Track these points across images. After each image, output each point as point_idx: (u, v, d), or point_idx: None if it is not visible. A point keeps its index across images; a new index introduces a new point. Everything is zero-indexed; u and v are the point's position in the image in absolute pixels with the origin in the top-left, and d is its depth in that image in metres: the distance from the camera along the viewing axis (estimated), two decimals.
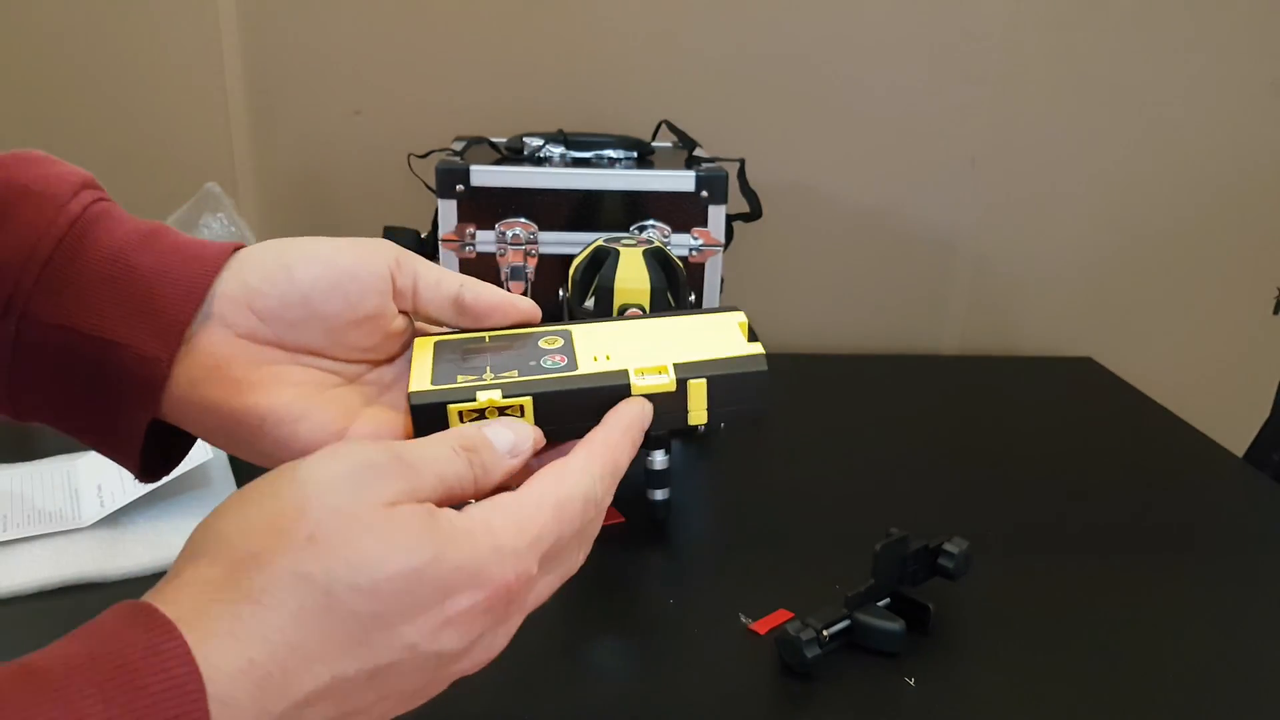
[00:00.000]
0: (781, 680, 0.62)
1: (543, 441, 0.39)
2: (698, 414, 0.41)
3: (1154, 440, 1.02)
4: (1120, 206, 1.31)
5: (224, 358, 0.38)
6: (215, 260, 0.39)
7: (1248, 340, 1.34)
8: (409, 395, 0.39)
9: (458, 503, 0.34)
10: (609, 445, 0.38)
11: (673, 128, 1.11)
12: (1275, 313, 1.20)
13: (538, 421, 0.39)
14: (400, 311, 0.42)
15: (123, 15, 1.20)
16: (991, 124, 1.28)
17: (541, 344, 0.42)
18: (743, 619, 0.67)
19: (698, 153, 1.06)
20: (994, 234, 1.32)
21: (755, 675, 0.62)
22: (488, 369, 0.40)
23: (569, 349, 0.42)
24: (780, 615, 0.67)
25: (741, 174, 1.08)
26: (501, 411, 0.39)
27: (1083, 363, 1.26)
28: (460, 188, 0.95)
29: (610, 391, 0.40)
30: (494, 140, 1.08)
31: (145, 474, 0.42)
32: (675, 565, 0.76)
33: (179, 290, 0.38)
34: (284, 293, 0.39)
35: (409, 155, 1.10)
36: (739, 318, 0.46)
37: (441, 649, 0.32)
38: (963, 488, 0.89)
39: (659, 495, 0.79)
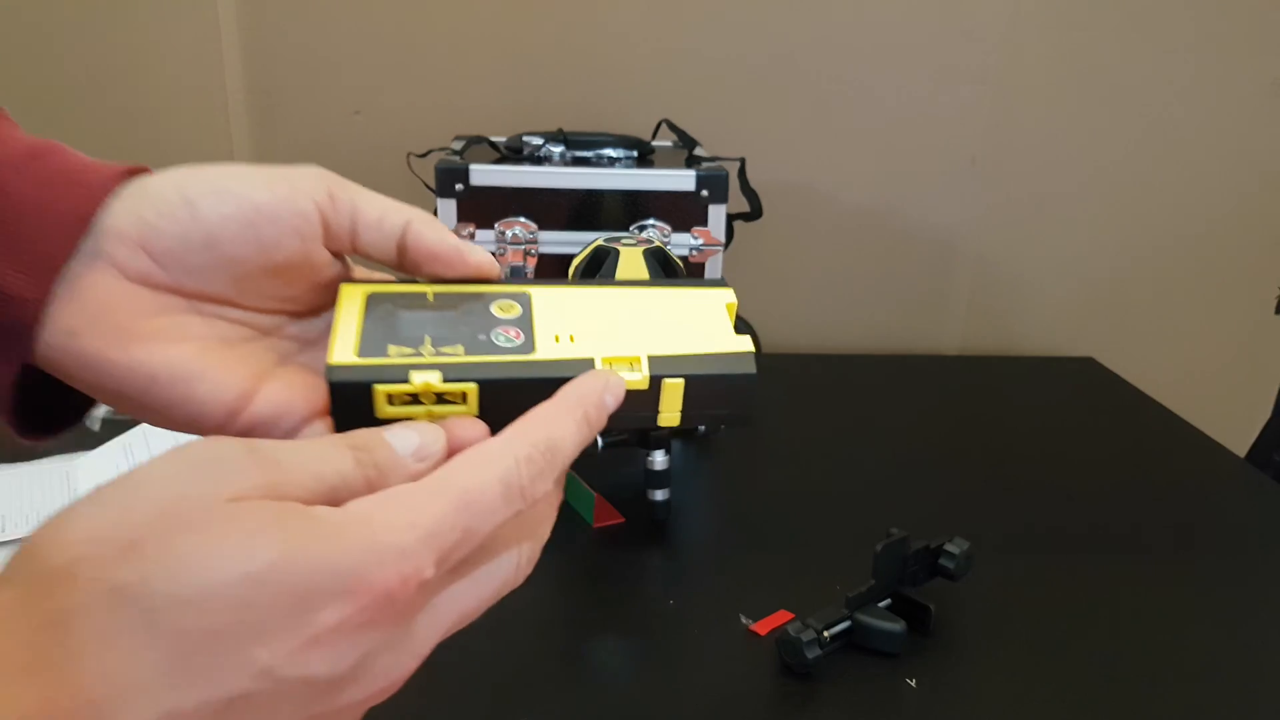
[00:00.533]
0: (782, 681, 0.62)
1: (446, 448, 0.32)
2: (670, 415, 0.35)
3: (1155, 440, 1.02)
4: (1121, 206, 1.31)
5: (109, 304, 0.32)
6: (102, 187, 0.33)
7: (1249, 340, 1.34)
8: (327, 369, 0.32)
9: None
10: (543, 420, 0.31)
11: (673, 127, 1.11)
12: (1277, 313, 1.20)
13: (482, 411, 0.33)
14: (334, 255, 0.36)
15: (122, 15, 1.20)
16: (992, 124, 1.28)
17: (495, 310, 0.36)
18: (743, 620, 0.67)
19: (698, 152, 1.06)
20: (995, 234, 1.32)
21: (756, 676, 0.62)
22: (427, 339, 0.34)
23: (526, 321, 0.35)
24: (781, 616, 0.67)
25: (742, 173, 1.08)
26: (439, 398, 0.33)
27: (1084, 363, 1.26)
28: (460, 187, 0.95)
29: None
30: (493, 140, 1.07)
31: (24, 431, 0.36)
32: (675, 565, 0.76)
33: (56, 221, 0.32)
34: (185, 232, 0.33)
35: (408, 155, 1.10)
36: (726, 297, 0.39)
37: (310, 674, 0.25)
38: (963, 488, 0.89)
39: (659, 495, 0.79)
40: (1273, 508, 0.88)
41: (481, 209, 0.96)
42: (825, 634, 0.61)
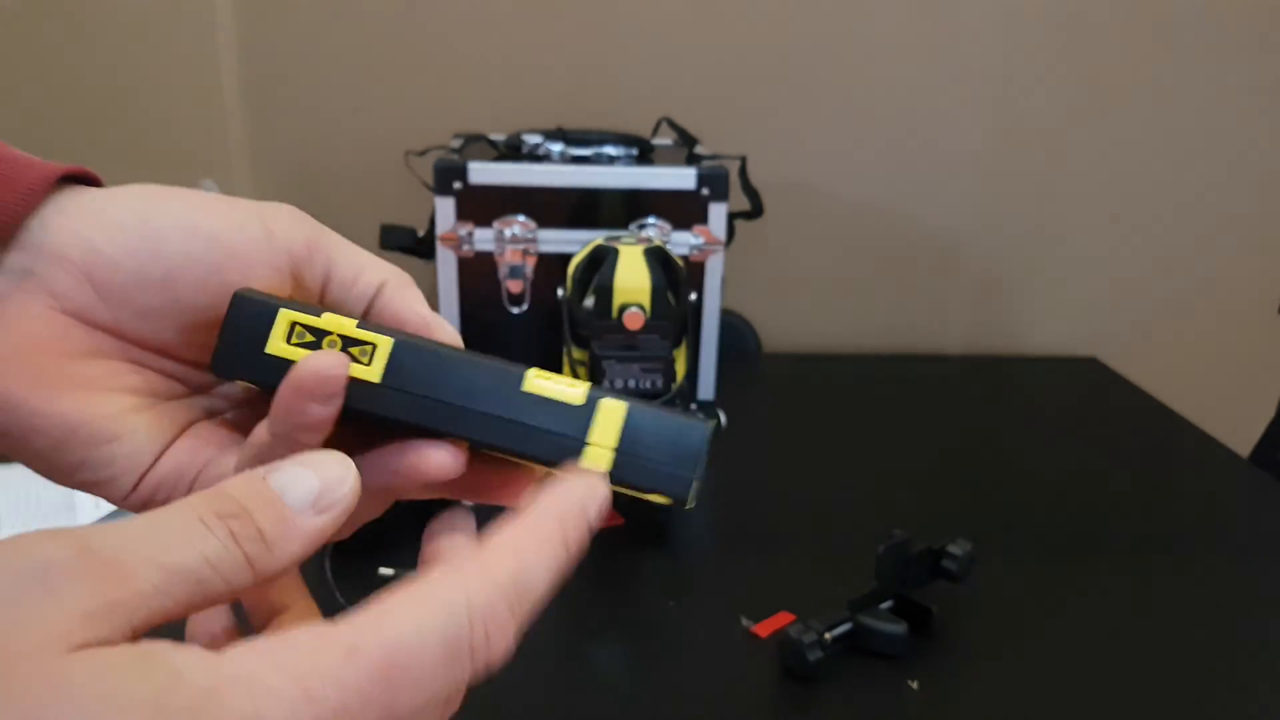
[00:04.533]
0: (784, 683, 0.61)
1: (357, 488, 0.24)
2: (598, 453, 0.28)
3: (1158, 440, 1.02)
4: (1124, 207, 1.31)
5: (36, 338, 0.27)
6: (34, 190, 0.27)
7: (1252, 340, 1.34)
8: (235, 293, 0.28)
9: (220, 609, 0.24)
10: (511, 549, 0.24)
11: (673, 125, 1.10)
12: (1279, 313, 1.19)
13: (385, 378, 0.28)
14: None
15: (119, 12, 1.19)
16: (996, 124, 1.27)
17: None
18: (744, 622, 0.67)
19: (698, 150, 1.05)
20: (998, 234, 1.31)
21: (757, 678, 0.62)
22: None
23: None
24: (782, 618, 0.66)
25: (743, 172, 1.07)
26: (347, 347, 0.28)
27: (1087, 363, 1.26)
28: (458, 185, 0.95)
29: (495, 377, 0.28)
30: (492, 137, 1.07)
31: None
32: (676, 567, 0.75)
33: None
34: (141, 266, 0.28)
35: (406, 153, 1.09)
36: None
37: None
38: (966, 488, 0.89)
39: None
40: (1276, 508, 0.88)
41: (480, 207, 0.95)
42: (827, 636, 0.61)
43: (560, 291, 0.88)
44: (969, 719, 0.59)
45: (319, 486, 0.23)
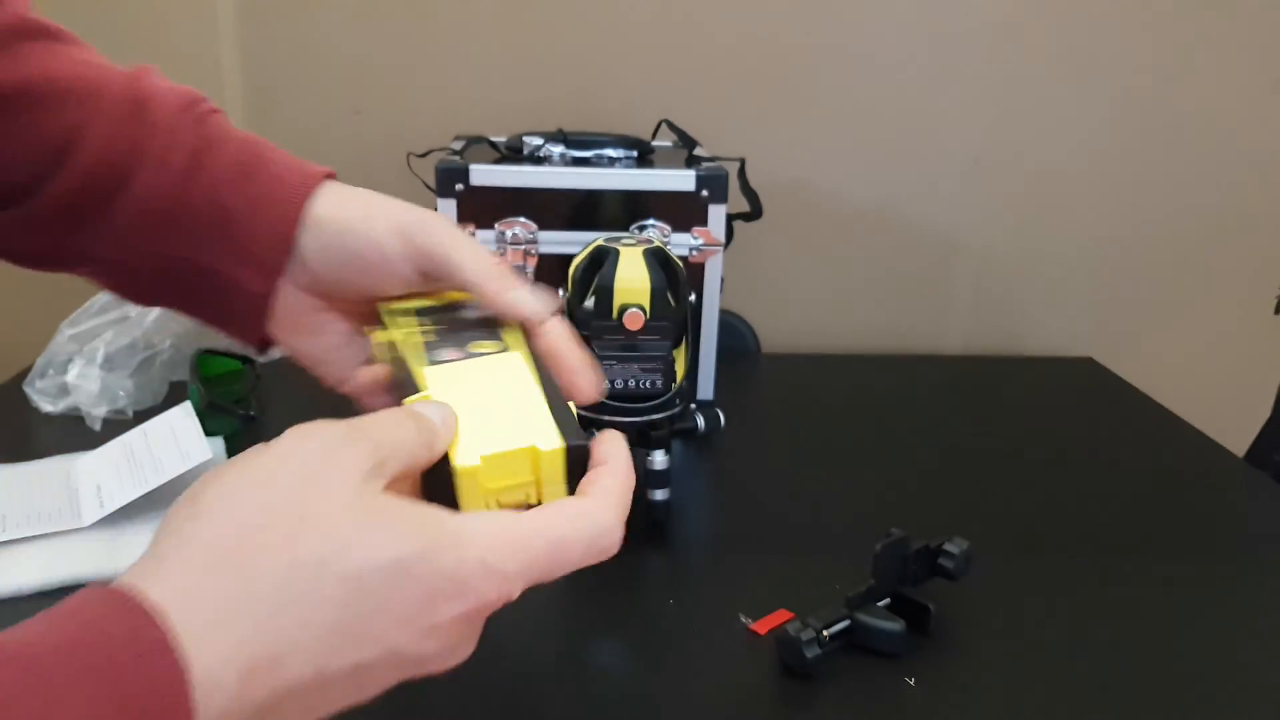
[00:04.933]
0: (782, 681, 0.62)
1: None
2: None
3: (1155, 440, 1.02)
4: (1122, 206, 1.31)
5: (284, 302, 0.46)
6: (293, 218, 0.45)
7: (1249, 340, 1.34)
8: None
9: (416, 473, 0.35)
10: (625, 490, 0.37)
11: (673, 127, 1.11)
12: (1276, 313, 1.20)
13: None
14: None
15: (120, 13, 1.20)
16: (994, 123, 1.28)
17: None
18: (743, 619, 0.67)
19: (698, 152, 1.06)
20: (996, 234, 1.32)
21: (755, 676, 0.62)
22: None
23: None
24: (780, 615, 0.67)
25: (742, 173, 1.08)
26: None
27: (1084, 363, 1.26)
28: (460, 187, 0.95)
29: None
30: (493, 139, 1.08)
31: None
32: (675, 565, 0.76)
33: (268, 233, 0.44)
34: (336, 260, 0.45)
35: (408, 154, 1.10)
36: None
37: (422, 653, 0.31)
38: (963, 487, 0.89)
39: (659, 495, 0.79)
40: (1272, 508, 0.88)
41: (481, 209, 0.96)
42: (825, 633, 0.61)
43: (561, 292, 0.88)
44: (966, 716, 0.59)
45: (441, 416, 0.36)
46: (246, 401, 0.94)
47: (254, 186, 0.45)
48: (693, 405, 0.94)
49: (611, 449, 0.38)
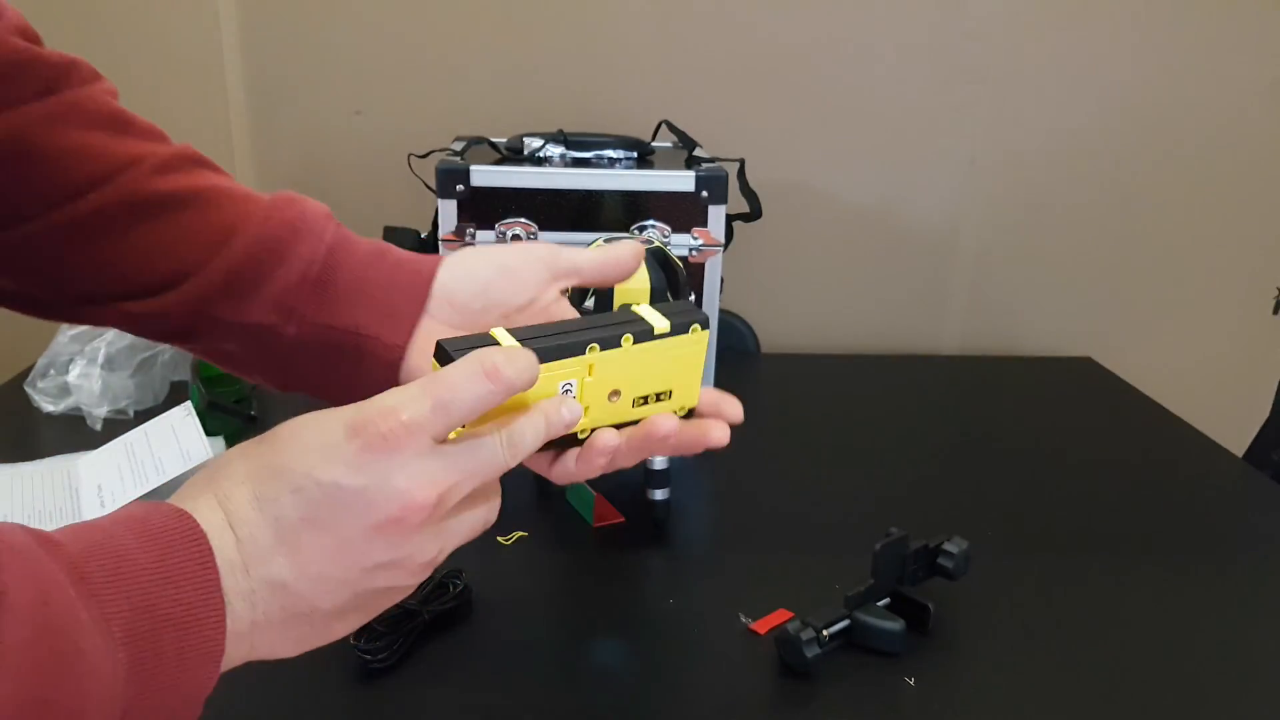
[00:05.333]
0: (781, 680, 0.62)
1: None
2: (662, 324, 0.45)
3: (1153, 440, 1.02)
4: (1120, 207, 1.32)
5: (429, 337, 0.50)
6: (430, 273, 0.52)
7: (1247, 340, 1.35)
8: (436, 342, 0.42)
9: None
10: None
11: (673, 128, 1.11)
12: (1275, 313, 1.20)
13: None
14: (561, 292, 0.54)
15: (123, 15, 1.20)
16: (991, 124, 1.28)
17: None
18: (743, 619, 0.67)
19: (698, 153, 1.06)
20: (994, 234, 1.32)
21: (755, 675, 0.62)
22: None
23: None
24: (780, 615, 0.67)
25: (741, 174, 1.08)
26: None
27: (1082, 362, 1.26)
28: (460, 188, 0.95)
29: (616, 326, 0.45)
30: (494, 140, 1.08)
31: None
32: (675, 565, 0.76)
33: (405, 297, 0.51)
34: (468, 289, 0.51)
35: (409, 155, 1.10)
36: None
37: (372, 559, 0.37)
38: (962, 487, 0.90)
39: (659, 495, 0.79)
40: (1270, 507, 0.89)
41: (482, 210, 0.96)
42: (824, 633, 0.62)
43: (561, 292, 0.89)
44: (964, 715, 0.60)
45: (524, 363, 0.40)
46: (247, 401, 0.95)
47: (387, 262, 0.52)
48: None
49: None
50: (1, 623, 0.30)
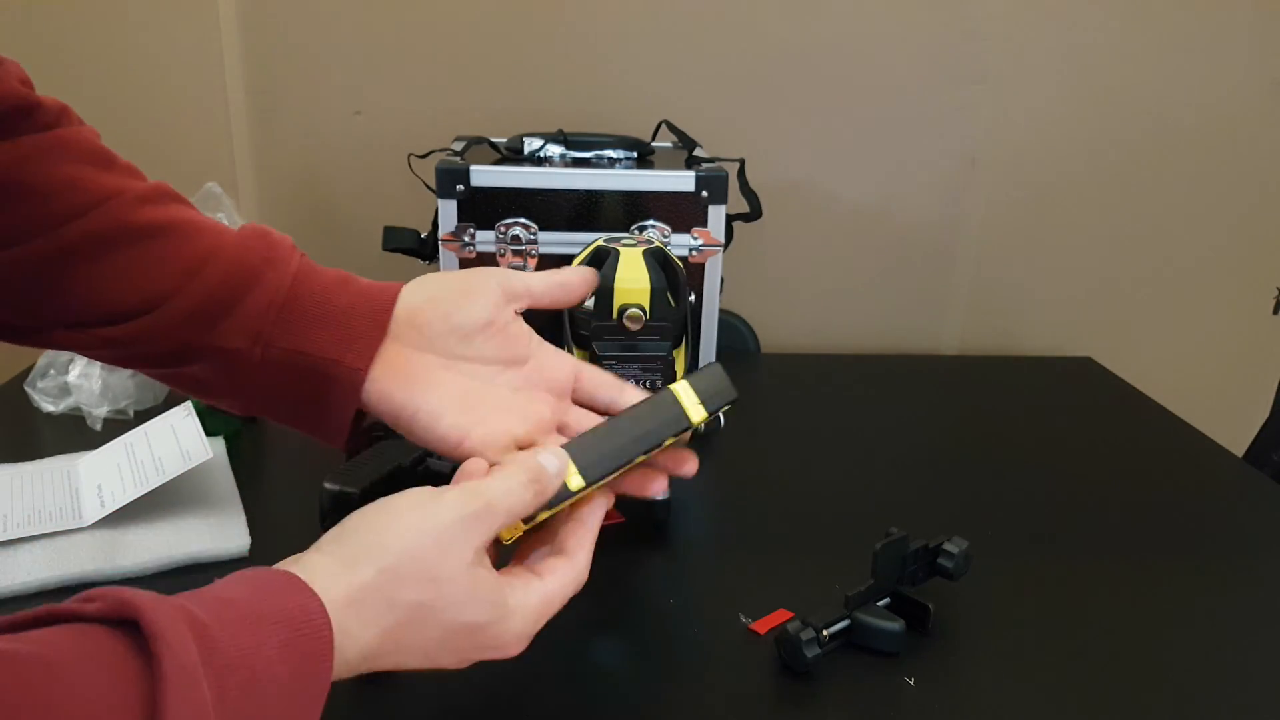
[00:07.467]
0: (781, 680, 0.62)
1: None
2: (697, 412, 0.58)
3: (1153, 440, 1.02)
4: (1120, 207, 1.32)
5: (398, 362, 0.54)
6: (390, 299, 0.54)
7: (1247, 340, 1.35)
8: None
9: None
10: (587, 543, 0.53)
11: (672, 128, 1.11)
12: (1275, 313, 1.20)
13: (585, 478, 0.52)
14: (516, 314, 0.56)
15: (122, 15, 1.20)
16: (992, 124, 1.28)
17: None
18: (743, 619, 0.67)
19: (698, 153, 1.06)
20: (994, 234, 1.32)
21: (755, 675, 0.62)
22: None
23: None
24: (780, 615, 0.67)
25: (741, 174, 1.08)
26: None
27: (1082, 363, 1.26)
28: (460, 188, 0.95)
29: (663, 421, 0.58)
30: (494, 140, 1.08)
31: (347, 448, 0.57)
32: (675, 565, 0.76)
33: (368, 322, 0.54)
34: (430, 312, 0.54)
35: (409, 155, 1.10)
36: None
37: (460, 665, 0.47)
38: (962, 487, 0.90)
39: (659, 495, 0.79)
40: (1271, 507, 0.89)
41: (482, 210, 0.96)
42: (824, 633, 0.62)
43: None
44: (964, 715, 0.60)
45: (558, 466, 0.50)
46: None
47: (349, 289, 0.55)
48: None
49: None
50: None
